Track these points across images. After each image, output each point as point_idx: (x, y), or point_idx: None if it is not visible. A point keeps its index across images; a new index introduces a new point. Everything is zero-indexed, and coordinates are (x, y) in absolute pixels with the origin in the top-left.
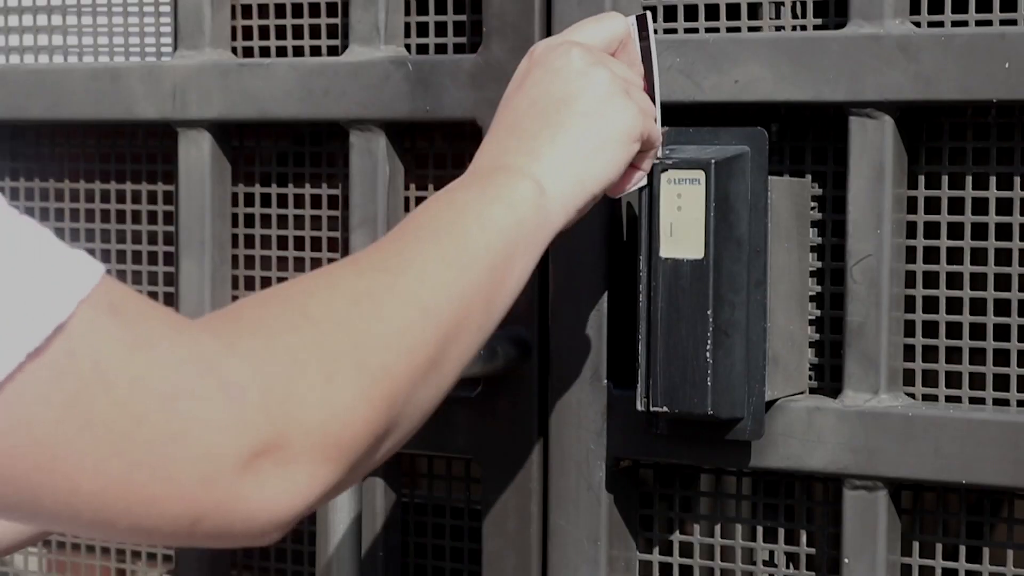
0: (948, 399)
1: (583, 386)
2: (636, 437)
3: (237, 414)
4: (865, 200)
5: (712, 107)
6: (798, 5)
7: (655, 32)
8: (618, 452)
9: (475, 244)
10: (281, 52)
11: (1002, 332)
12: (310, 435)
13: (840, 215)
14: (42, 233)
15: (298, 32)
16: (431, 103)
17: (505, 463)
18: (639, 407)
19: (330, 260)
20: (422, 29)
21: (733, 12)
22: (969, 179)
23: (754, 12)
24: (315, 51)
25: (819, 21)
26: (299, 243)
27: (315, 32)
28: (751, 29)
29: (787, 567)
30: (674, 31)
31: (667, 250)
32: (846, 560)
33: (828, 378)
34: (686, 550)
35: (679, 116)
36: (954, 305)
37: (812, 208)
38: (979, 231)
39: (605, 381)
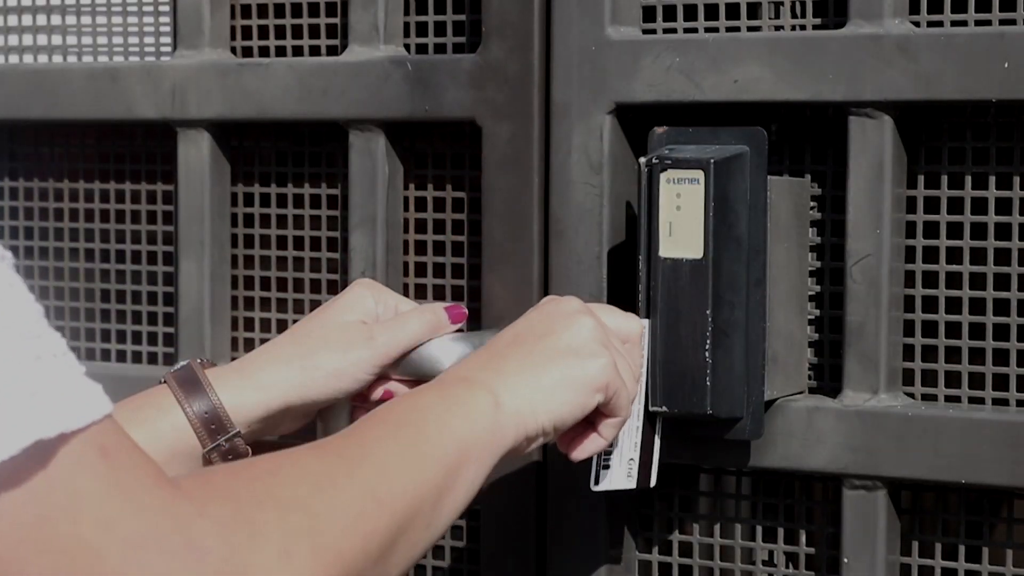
0: (947, 399)
1: None
2: None
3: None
4: (865, 200)
5: (712, 107)
6: (797, 5)
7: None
8: None
9: (431, 446)
10: (280, 52)
11: (1001, 332)
12: None
13: (840, 215)
14: (67, 359)
15: (297, 32)
16: (430, 103)
17: (504, 462)
18: None
19: (329, 260)
20: (421, 29)
21: (733, 12)
22: (968, 179)
23: (753, 12)
24: (314, 51)
25: (818, 21)
26: (299, 243)
27: (314, 32)
28: (750, 29)
29: (786, 567)
30: (674, 31)
31: (666, 250)
32: (845, 560)
33: (827, 378)
34: (686, 550)
35: (679, 116)
36: (953, 305)
37: (812, 208)
38: (978, 231)
39: None
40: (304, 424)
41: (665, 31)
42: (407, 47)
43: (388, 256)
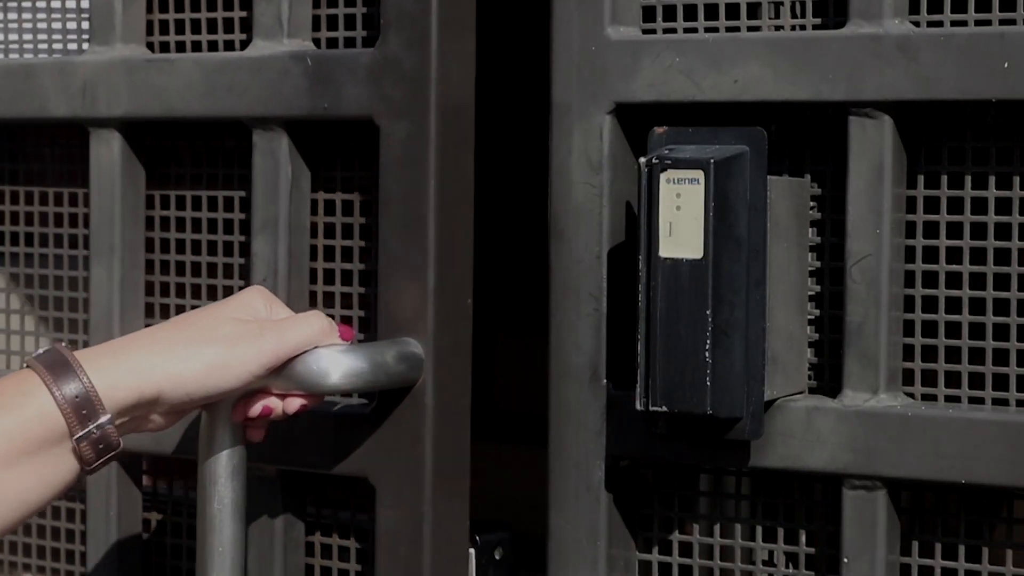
0: (947, 399)
1: (583, 386)
2: (636, 437)
3: None
4: (864, 200)
5: (712, 107)
6: (797, 5)
7: None
8: (617, 452)
9: None
10: (196, 47)
11: (1001, 332)
12: None
13: (840, 215)
14: None
15: (212, 26)
16: (329, 100)
17: (398, 483)
18: (638, 407)
19: (230, 266)
20: (332, 23)
21: (732, 12)
22: (968, 179)
23: (753, 12)
24: (228, 46)
25: (818, 21)
26: (211, 247)
27: (228, 26)
28: (750, 29)
29: (786, 567)
30: (674, 31)
31: (666, 250)
32: (845, 560)
33: (827, 378)
34: (685, 550)
35: (679, 116)
36: (953, 305)
37: (811, 208)
38: (978, 231)
39: (605, 381)
40: (175, 422)
41: (665, 31)
42: (316, 42)
43: (291, 262)
